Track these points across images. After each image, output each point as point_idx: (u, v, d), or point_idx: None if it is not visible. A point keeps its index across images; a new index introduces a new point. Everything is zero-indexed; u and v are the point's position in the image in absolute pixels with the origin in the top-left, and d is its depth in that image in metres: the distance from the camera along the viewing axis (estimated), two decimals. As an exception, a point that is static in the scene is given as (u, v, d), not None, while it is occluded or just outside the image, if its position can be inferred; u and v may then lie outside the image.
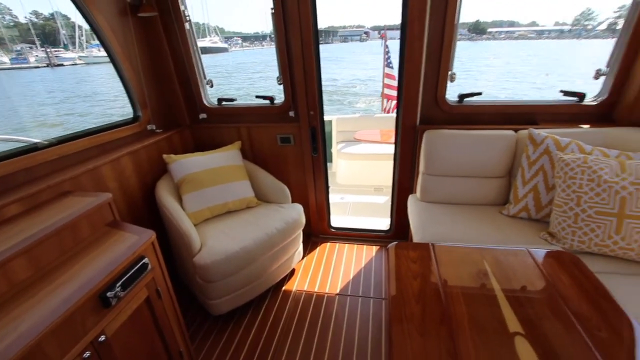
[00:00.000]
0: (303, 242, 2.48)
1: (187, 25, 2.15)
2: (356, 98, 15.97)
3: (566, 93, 2.08)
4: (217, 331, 1.91)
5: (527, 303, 1.04)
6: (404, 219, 2.32)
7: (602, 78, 2.00)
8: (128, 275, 1.17)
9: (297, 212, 2.09)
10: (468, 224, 1.80)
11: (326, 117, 4.43)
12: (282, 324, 1.93)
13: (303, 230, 2.26)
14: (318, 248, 2.59)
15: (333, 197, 3.60)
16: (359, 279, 2.25)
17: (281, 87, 2.22)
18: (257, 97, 2.35)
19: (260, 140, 2.41)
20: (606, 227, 1.47)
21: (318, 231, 2.70)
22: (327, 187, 2.53)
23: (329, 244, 2.64)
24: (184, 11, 2.11)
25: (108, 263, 1.14)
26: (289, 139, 2.33)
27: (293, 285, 2.23)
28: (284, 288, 2.21)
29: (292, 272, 2.35)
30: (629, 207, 1.43)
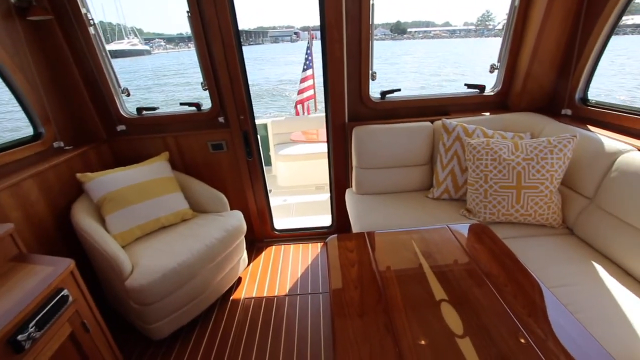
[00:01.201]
0: (247, 248, 2.43)
1: (91, 30, 1.96)
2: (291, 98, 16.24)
3: (470, 86, 2.36)
4: (162, 356, 1.79)
5: (450, 272, 1.16)
6: (345, 213, 2.41)
7: (496, 72, 2.31)
8: (44, 312, 1.04)
9: (237, 219, 2.04)
10: (400, 210, 1.95)
11: (261, 120, 4.41)
12: (233, 335, 1.88)
13: (246, 237, 2.22)
14: (264, 252, 2.57)
15: (275, 200, 3.59)
16: (307, 277, 2.28)
17: (207, 92, 2.15)
18: (182, 104, 2.25)
19: (191, 149, 2.30)
20: (509, 198, 1.71)
21: (262, 236, 2.67)
22: (267, 191, 2.52)
23: (274, 247, 2.63)
24: (86, 14, 1.92)
25: (16, 302, 1.00)
26: (221, 145, 2.27)
27: (241, 294, 2.18)
28: (232, 298, 2.15)
29: (239, 280, 2.30)
30: (523, 180, 1.68)
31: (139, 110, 2.27)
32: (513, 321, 0.96)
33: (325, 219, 2.84)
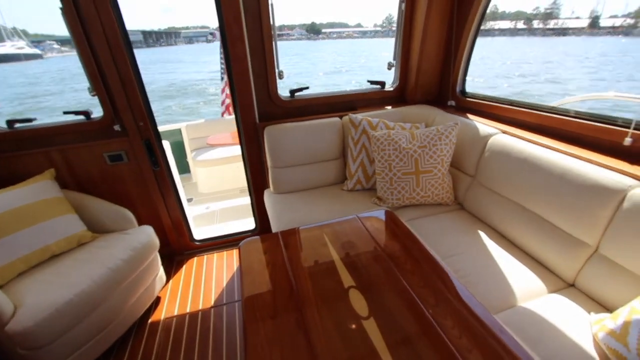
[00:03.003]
0: (165, 264, 2.26)
1: None
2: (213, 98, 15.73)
3: (372, 82, 2.54)
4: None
5: (358, 260, 1.24)
6: (266, 214, 2.40)
7: (393, 69, 2.53)
8: None
9: (146, 236, 1.88)
10: (317, 205, 2.01)
11: (174, 125, 4.11)
12: (154, 359, 1.73)
13: (162, 252, 2.06)
14: (184, 266, 2.41)
15: (198, 209, 3.40)
16: (233, 285, 2.22)
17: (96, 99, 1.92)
18: (65, 112, 1.97)
19: (83, 163, 2.03)
20: (410, 183, 1.90)
21: (181, 249, 2.50)
22: (181, 201, 2.36)
23: (196, 258, 2.49)
24: None
25: None
26: (121, 156, 2.06)
27: (161, 314, 2.02)
28: (150, 320, 1.98)
29: (158, 300, 2.12)
30: (420, 165, 1.88)
31: (10, 123, 1.92)
32: (410, 295, 1.07)
33: (249, 223, 2.78)
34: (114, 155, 2.04)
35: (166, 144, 2.73)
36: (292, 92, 2.32)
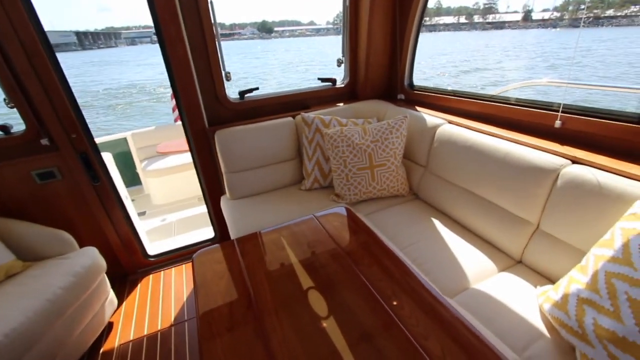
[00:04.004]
0: (116, 286, 2.09)
1: None
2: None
3: (323, 80, 2.53)
4: None
5: (316, 260, 1.22)
6: (225, 222, 2.30)
7: (343, 65, 2.54)
8: None
9: (89, 258, 1.71)
10: (275, 207, 1.96)
11: (118, 135, 3.83)
12: (108, 393, 1.59)
13: (112, 273, 1.90)
14: (139, 285, 2.25)
15: (152, 222, 3.20)
16: (193, 299, 2.10)
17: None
18: None
19: (7, 185, 1.80)
20: (366, 178, 1.91)
21: (133, 267, 2.33)
22: (129, 216, 2.19)
23: (151, 275, 2.33)
24: None
25: None
26: (52, 173, 1.86)
27: (115, 341, 1.86)
28: (102, 350, 1.81)
29: (110, 325, 1.96)
30: (374, 159, 1.90)
31: None
32: (369, 289, 1.06)
33: (209, 232, 2.66)
34: (44, 173, 1.84)
35: (107, 156, 2.53)
36: (242, 93, 2.24)
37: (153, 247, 2.52)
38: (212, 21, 1.93)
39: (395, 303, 1.00)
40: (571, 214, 1.23)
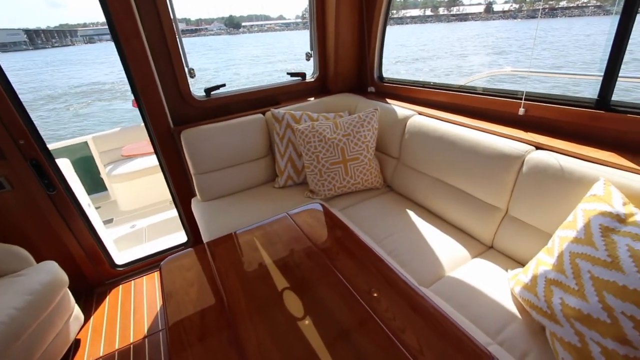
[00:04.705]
0: (82, 300, 1.97)
1: None
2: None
3: (292, 74, 2.48)
4: None
5: (291, 260, 1.19)
6: (197, 225, 2.22)
7: (312, 59, 2.50)
8: None
9: (47, 274, 1.59)
10: (248, 207, 1.91)
11: (78, 139, 3.60)
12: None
13: (77, 287, 1.78)
14: (108, 297, 2.13)
15: (121, 229, 3.04)
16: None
17: None
18: None
19: None
20: (339, 172, 1.90)
21: (100, 279, 2.20)
22: (91, 225, 2.06)
23: (121, 286, 2.21)
24: None
25: None
26: (1, 184, 1.70)
27: (82, 359, 1.75)
28: (69, 370, 1.70)
29: (77, 343, 1.84)
30: (347, 153, 1.88)
31: None
32: (345, 286, 1.05)
33: (181, 236, 2.56)
34: (-10, 184, 1.68)
35: (64, 162, 2.36)
36: (208, 90, 2.15)
37: (122, 256, 2.39)
38: (172, 15, 1.83)
39: (372, 298, 0.99)
40: (537, 198, 1.27)
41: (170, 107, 2.00)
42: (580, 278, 0.94)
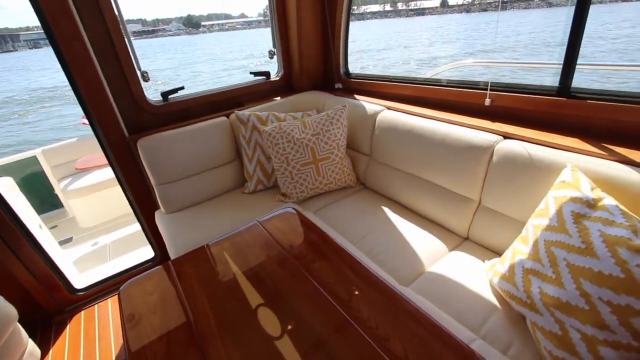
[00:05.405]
0: (39, 332, 1.79)
1: None
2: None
3: (255, 74, 2.38)
4: None
5: (262, 271, 1.11)
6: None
7: (275, 57, 2.40)
8: None
9: (-11, 309, 1.41)
10: (217, 217, 1.80)
11: (25, 154, 3.28)
12: None
13: (32, 319, 1.60)
14: (68, 326, 1.94)
15: (82, 248, 2.81)
16: (136, 330, 1.86)
17: None
18: None
19: None
20: (311, 173, 1.83)
21: (58, 307, 2.00)
22: (42, 248, 1.86)
23: (83, 312, 2.03)
24: None
25: None
26: None
27: (41, 399, 1.58)
28: (26, 412, 1.52)
29: (34, 381, 1.65)
30: (317, 153, 1.82)
31: None
32: (322, 294, 0.99)
33: (149, 251, 2.39)
34: None
35: (6, 182, 2.13)
36: (165, 94, 2.00)
37: (84, 278, 2.19)
38: (117, 14, 1.67)
39: (352, 306, 0.94)
40: (508, 187, 1.28)
41: (123, 115, 1.84)
42: (556, 266, 0.94)
